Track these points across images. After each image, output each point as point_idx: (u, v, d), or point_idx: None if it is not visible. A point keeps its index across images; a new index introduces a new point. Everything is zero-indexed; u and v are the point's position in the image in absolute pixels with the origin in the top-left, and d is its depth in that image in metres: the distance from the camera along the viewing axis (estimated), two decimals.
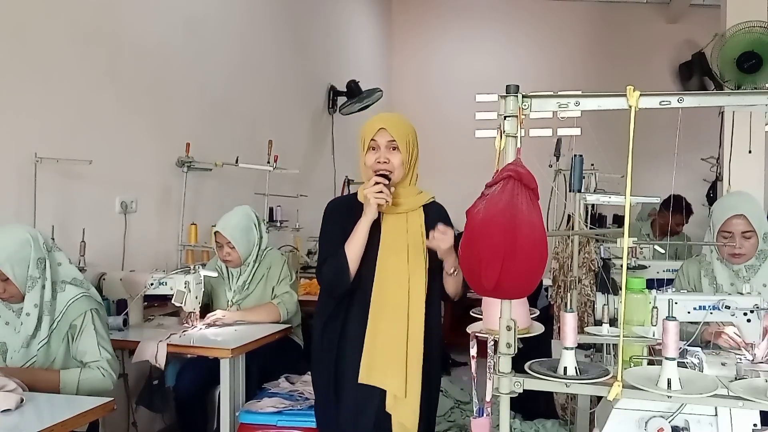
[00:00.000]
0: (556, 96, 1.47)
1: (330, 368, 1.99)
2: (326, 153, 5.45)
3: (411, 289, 1.95)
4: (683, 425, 1.59)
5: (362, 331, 1.94)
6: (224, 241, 2.97)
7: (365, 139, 2.00)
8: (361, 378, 1.91)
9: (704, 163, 4.72)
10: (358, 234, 1.94)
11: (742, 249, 2.30)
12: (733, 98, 1.55)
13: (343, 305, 1.99)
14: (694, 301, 1.94)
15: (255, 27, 4.43)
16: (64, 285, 2.13)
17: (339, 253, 1.94)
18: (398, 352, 1.92)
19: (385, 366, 1.91)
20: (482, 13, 6.98)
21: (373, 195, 1.91)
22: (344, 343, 1.97)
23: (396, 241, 1.98)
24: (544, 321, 1.86)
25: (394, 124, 2.00)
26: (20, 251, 2.03)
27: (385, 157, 1.98)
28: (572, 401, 3.05)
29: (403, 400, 1.91)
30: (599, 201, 2.92)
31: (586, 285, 3.01)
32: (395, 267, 1.96)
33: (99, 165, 2.86)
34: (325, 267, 1.98)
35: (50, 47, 2.71)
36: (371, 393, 1.92)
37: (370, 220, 1.94)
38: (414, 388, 1.92)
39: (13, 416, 1.67)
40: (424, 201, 2.07)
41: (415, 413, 1.92)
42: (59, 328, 2.10)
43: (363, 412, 1.94)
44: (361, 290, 1.96)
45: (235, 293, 3.04)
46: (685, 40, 5.65)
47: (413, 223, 2.02)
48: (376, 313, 1.94)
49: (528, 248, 1.41)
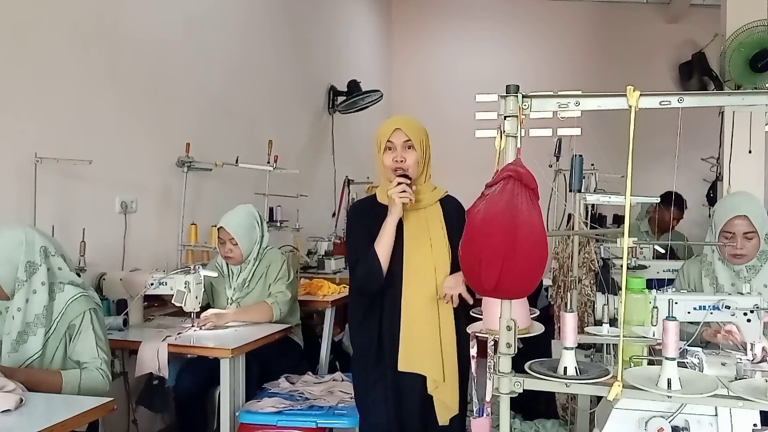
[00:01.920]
0: (556, 96, 1.47)
1: (370, 361, 2.13)
2: (326, 153, 5.44)
3: (438, 278, 2.09)
4: (683, 425, 1.59)
5: (397, 323, 2.08)
6: (227, 238, 2.98)
7: (381, 141, 2.13)
8: (401, 366, 2.06)
9: (704, 163, 4.72)
10: (386, 233, 2.07)
11: (743, 249, 2.30)
12: (733, 98, 1.55)
13: (377, 302, 2.12)
14: (694, 301, 1.94)
15: (255, 27, 4.43)
16: (63, 285, 2.12)
17: (370, 254, 2.07)
18: (433, 340, 2.07)
19: (422, 354, 2.06)
20: (482, 13, 6.97)
21: (397, 195, 2.03)
22: (382, 337, 2.11)
23: (419, 236, 2.12)
24: (544, 321, 1.86)
25: (408, 125, 2.14)
26: (8, 252, 2.01)
27: (401, 156, 2.10)
28: (572, 401, 3.05)
29: (442, 384, 2.07)
30: (599, 201, 2.91)
31: (586, 285, 3.01)
32: (421, 260, 2.10)
33: (99, 165, 2.86)
34: (358, 268, 2.11)
35: (50, 47, 2.71)
36: (413, 379, 2.07)
37: (396, 218, 2.07)
38: (451, 371, 2.08)
39: (13, 416, 1.67)
40: (440, 196, 2.20)
41: (455, 393, 2.10)
42: (57, 329, 2.09)
43: (406, 399, 2.09)
44: (391, 285, 2.09)
45: (235, 291, 3.04)
46: (685, 40, 5.66)
47: (433, 217, 2.15)
48: (408, 305, 2.08)
49: (528, 248, 1.41)
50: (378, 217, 2.10)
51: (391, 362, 2.08)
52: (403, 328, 2.07)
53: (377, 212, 2.12)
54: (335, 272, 4.31)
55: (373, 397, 2.14)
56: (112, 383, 2.21)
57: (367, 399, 2.17)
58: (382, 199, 2.15)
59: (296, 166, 4.21)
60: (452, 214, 2.16)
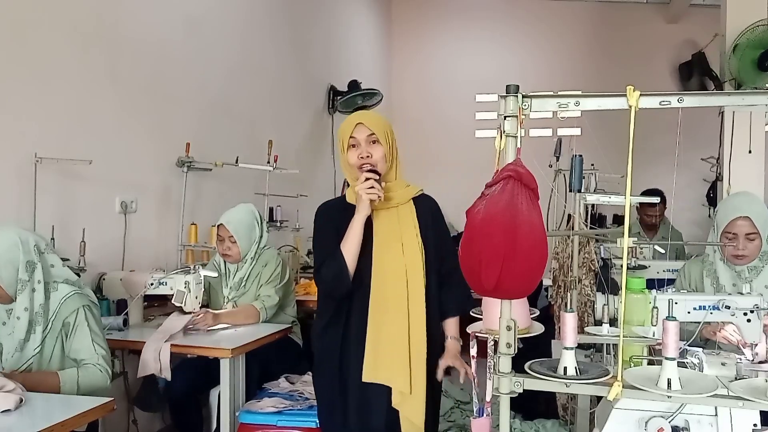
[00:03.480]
0: (556, 96, 1.47)
1: (333, 370, 1.96)
2: (326, 153, 5.44)
3: (409, 282, 1.93)
4: (683, 425, 1.59)
5: (364, 329, 1.92)
6: (226, 235, 2.99)
7: (344, 138, 2.00)
8: (365, 377, 1.89)
9: (704, 163, 4.72)
10: (353, 232, 1.92)
11: (745, 250, 2.29)
12: (733, 98, 1.55)
13: (344, 306, 1.97)
14: (694, 301, 1.94)
15: (255, 27, 4.43)
16: (57, 284, 2.12)
17: (336, 255, 1.92)
18: (401, 347, 1.90)
19: (389, 363, 1.89)
20: (482, 13, 6.98)
21: (364, 191, 1.89)
22: (347, 344, 1.95)
23: (390, 236, 1.97)
24: (544, 321, 1.85)
25: (370, 118, 2.00)
26: (7, 254, 2.01)
27: (366, 152, 1.96)
28: (572, 401, 3.05)
29: (409, 396, 1.89)
30: (599, 201, 2.92)
31: (586, 285, 3.00)
32: (392, 262, 1.94)
33: (99, 165, 2.85)
34: (323, 269, 1.95)
35: (50, 47, 2.71)
36: (378, 391, 1.90)
37: (364, 216, 1.92)
38: (419, 383, 1.90)
39: (13, 417, 1.66)
40: (414, 194, 2.05)
41: (422, 408, 1.90)
42: (53, 328, 2.09)
43: (372, 412, 1.92)
44: (359, 289, 1.94)
45: (231, 290, 3.05)
46: (685, 40, 5.64)
47: (405, 216, 2.00)
48: (376, 310, 1.92)
49: (528, 248, 1.40)
50: (346, 218, 1.95)
51: (355, 372, 1.91)
52: (370, 334, 1.91)
53: (345, 213, 1.97)
54: None
55: (335, 410, 1.97)
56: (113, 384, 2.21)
57: (329, 413, 2.00)
58: (351, 199, 2.00)
59: (296, 166, 4.21)
60: (426, 214, 2.02)
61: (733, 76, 4.10)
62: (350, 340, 1.95)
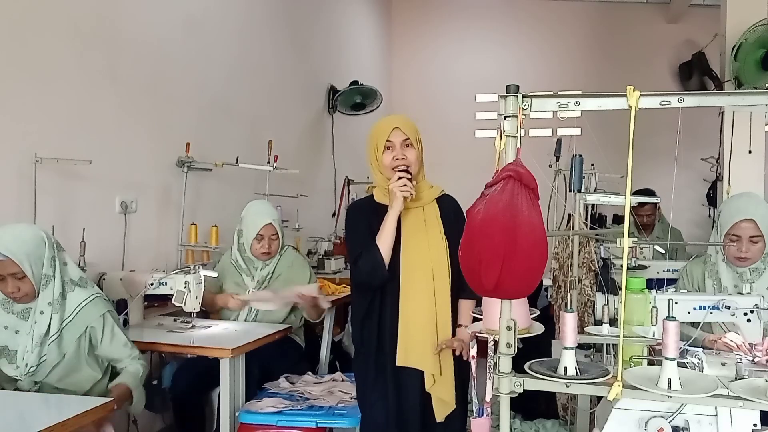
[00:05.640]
0: (556, 96, 1.47)
1: (370, 358, 2.15)
2: (326, 153, 5.44)
3: (435, 275, 2.12)
4: (683, 425, 1.59)
5: (396, 319, 2.11)
6: (270, 233, 3.04)
7: (379, 140, 2.15)
8: (399, 361, 2.09)
9: (704, 163, 4.72)
10: (387, 227, 2.09)
11: (748, 253, 2.29)
12: (733, 98, 1.55)
13: (377, 299, 2.15)
14: (694, 301, 1.94)
15: (255, 27, 4.43)
16: (73, 285, 2.17)
17: (372, 248, 2.08)
18: (430, 334, 2.10)
19: (420, 348, 2.09)
20: (482, 13, 6.98)
21: (398, 188, 2.06)
22: (383, 332, 2.14)
23: (417, 233, 2.14)
24: (544, 321, 1.85)
25: (405, 123, 2.16)
26: (37, 249, 2.07)
27: (402, 155, 2.13)
28: (572, 401, 3.05)
29: (439, 377, 2.10)
30: (599, 201, 2.91)
31: (586, 285, 3.01)
32: (419, 256, 2.12)
33: (99, 165, 2.85)
34: (361, 261, 2.11)
35: (50, 47, 2.71)
36: (412, 374, 2.10)
37: (398, 212, 2.08)
38: (447, 365, 2.11)
39: (13, 417, 1.67)
40: (437, 194, 2.23)
41: (452, 387, 2.12)
42: (73, 328, 2.13)
43: (407, 394, 2.12)
44: (391, 282, 2.11)
45: (258, 283, 3.08)
46: (685, 40, 5.66)
47: (430, 215, 2.18)
48: (406, 301, 2.11)
49: (528, 248, 1.40)
50: (377, 216, 2.13)
51: (391, 358, 2.11)
52: (401, 323, 2.10)
53: (376, 211, 2.15)
54: (335, 272, 4.32)
55: (373, 393, 2.16)
56: None
57: (367, 396, 2.19)
58: (380, 198, 2.18)
59: (296, 166, 4.21)
60: (449, 213, 2.20)
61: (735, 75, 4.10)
62: (386, 330, 2.13)
